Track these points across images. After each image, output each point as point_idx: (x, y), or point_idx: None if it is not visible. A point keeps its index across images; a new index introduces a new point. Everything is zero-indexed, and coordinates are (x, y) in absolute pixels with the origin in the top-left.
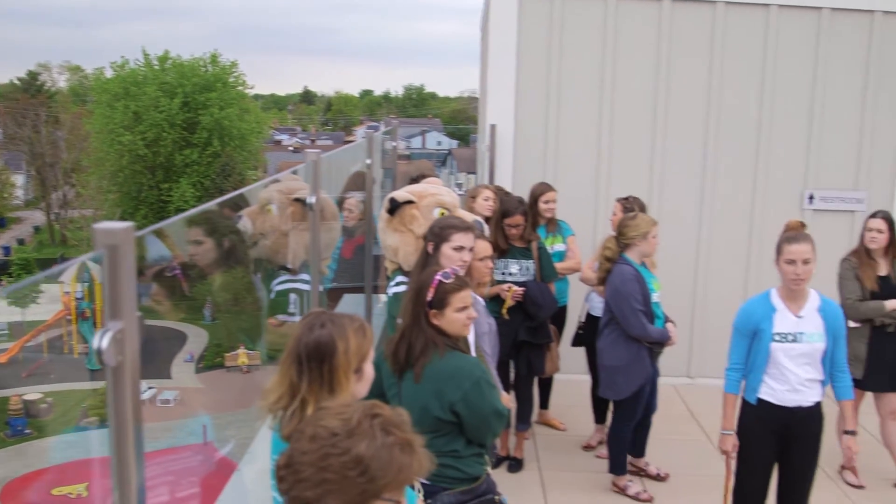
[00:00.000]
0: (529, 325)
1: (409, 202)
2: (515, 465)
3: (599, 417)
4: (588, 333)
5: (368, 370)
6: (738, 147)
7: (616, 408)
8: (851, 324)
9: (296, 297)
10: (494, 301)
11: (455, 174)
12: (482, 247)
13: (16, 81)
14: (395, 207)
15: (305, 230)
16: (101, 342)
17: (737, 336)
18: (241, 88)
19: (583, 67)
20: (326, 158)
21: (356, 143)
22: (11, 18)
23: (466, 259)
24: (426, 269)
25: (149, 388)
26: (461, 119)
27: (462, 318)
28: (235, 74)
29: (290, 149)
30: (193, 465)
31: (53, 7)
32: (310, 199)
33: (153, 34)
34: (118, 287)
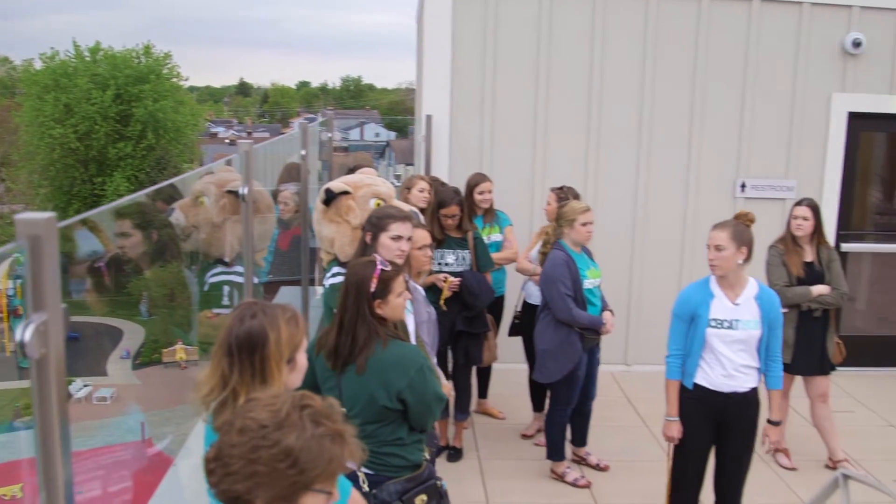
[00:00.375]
0: (466, 315)
1: (345, 193)
2: (455, 455)
3: (537, 406)
4: (524, 322)
5: (301, 360)
6: (672, 136)
7: (551, 393)
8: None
9: (229, 289)
10: (432, 291)
11: (393, 166)
12: (421, 236)
13: None
14: (331, 198)
15: (239, 222)
16: (24, 334)
17: (676, 322)
18: (176, 80)
19: (517, 59)
20: (260, 149)
21: (290, 134)
22: None
23: (405, 248)
24: (358, 262)
25: (84, 386)
26: (399, 110)
27: (402, 302)
28: (169, 66)
29: (227, 141)
30: (130, 462)
31: None
32: (242, 191)
33: (84, 25)
34: (41, 278)
